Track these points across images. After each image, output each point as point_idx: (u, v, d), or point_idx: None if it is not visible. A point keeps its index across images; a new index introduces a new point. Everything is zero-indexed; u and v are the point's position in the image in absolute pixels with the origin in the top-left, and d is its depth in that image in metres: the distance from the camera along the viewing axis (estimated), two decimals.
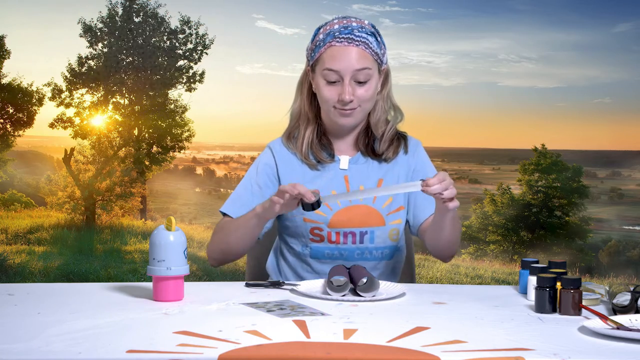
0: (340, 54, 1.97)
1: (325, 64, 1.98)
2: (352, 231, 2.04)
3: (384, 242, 2.07)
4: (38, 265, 11.82)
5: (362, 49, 1.97)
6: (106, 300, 1.69)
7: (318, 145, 2.09)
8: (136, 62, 18.60)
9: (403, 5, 31.76)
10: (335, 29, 1.98)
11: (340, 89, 1.98)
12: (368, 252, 2.06)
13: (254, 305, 1.64)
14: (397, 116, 2.12)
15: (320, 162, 2.09)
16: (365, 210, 2.05)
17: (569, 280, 1.59)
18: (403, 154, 2.12)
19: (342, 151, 2.12)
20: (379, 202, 2.06)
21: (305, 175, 2.09)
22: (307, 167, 2.09)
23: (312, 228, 2.05)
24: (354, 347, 1.31)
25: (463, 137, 44.95)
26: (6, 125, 18.05)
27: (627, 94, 34.73)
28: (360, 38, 1.97)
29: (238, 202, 2.09)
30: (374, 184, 2.07)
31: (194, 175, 30.24)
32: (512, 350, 1.29)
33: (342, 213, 2.04)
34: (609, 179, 29.42)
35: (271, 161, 2.12)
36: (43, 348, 1.28)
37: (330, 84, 1.99)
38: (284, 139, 2.14)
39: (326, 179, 2.07)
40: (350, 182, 2.07)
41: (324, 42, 1.99)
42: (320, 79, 2.01)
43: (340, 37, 1.97)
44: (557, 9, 31.07)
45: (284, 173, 2.10)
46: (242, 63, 36.32)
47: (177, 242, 1.70)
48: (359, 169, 2.09)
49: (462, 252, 19.26)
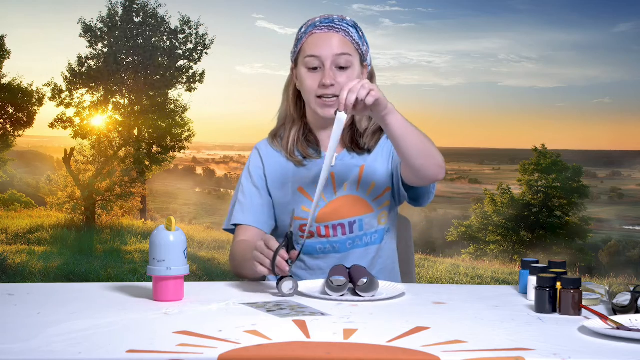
0: (321, 40, 2.01)
1: (306, 51, 2.02)
2: (341, 223, 2.05)
3: (373, 226, 2.08)
4: (38, 265, 11.82)
5: (342, 35, 2.01)
6: (106, 300, 1.69)
7: (304, 142, 2.11)
8: (136, 62, 18.60)
9: (403, 5, 31.75)
10: (316, 21, 2.04)
11: (321, 75, 2.00)
12: (358, 239, 2.07)
13: (254, 305, 1.64)
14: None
15: (306, 158, 2.10)
16: (351, 200, 2.06)
17: (569, 280, 1.59)
18: (384, 140, 2.12)
19: (327, 146, 2.11)
20: (362, 190, 2.06)
21: (290, 173, 2.10)
22: (293, 164, 2.10)
23: (300, 225, 2.06)
24: (354, 347, 1.31)
25: (463, 137, 44.92)
26: (6, 125, 18.05)
27: (627, 94, 34.73)
28: (341, 26, 2.02)
29: (247, 209, 2.10)
30: (357, 171, 2.07)
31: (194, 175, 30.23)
32: (512, 350, 1.29)
33: (328, 206, 2.05)
34: (609, 179, 29.42)
35: (259, 161, 2.14)
36: (43, 348, 1.28)
37: (311, 71, 2.02)
38: (269, 138, 2.17)
39: (312, 176, 2.08)
40: (337, 179, 2.08)
41: (305, 33, 2.04)
42: (302, 68, 2.04)
43: (321, 26, 2.02)
44: (557, 9, 31.06)
45: (270, 171, 2.12)
46: (242, 63, 36.32)
47: (177, 242, 1.70)
48: (345, 164, 2.10)
49: (462, 252, 19.26)
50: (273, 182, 2.11)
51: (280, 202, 2.10)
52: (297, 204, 2.06)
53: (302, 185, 2.07)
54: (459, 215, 22.39)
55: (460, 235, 20.46)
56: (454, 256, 17.97)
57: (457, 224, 20.86)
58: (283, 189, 2.09)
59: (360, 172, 2.07)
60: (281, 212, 2.10)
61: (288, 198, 2.08)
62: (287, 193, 2.08)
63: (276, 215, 2.12)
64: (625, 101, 35.15)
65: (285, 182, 2.09)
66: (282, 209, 2.09)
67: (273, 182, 2.11)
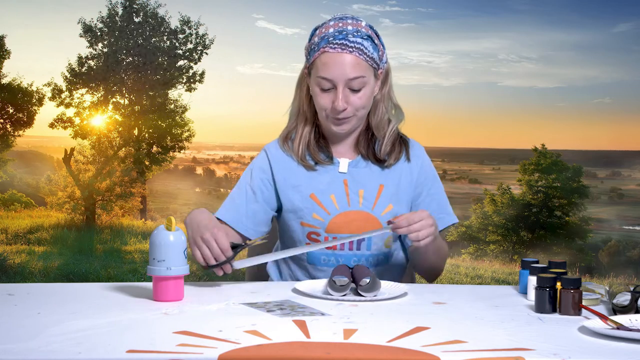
0: (333, 61, 1.93)
1: (318, 71, 1.95)
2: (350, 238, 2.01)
3: (380, 249, 2.05)
4: (38, 265, 11.82)
5: (355, 55, 1.92)
6: (106, 300, 1.69)
7: (315, 146, 2.06)
8: (136, 62, 18.60)
9: (403, 5, 31.76)
10: (329, 33, 1.94)
11: (334, 96, 1.95)
12: (364, 258, 2.04)
13: (254, 305, 1.64)
14: (398, 115, 2.08)
15: (317, 163, 2.05)
16: (364, 216, 2.02)
17: (569, 280, 1.59)
18: (404, 160, 2.07)
19: (341, 153, 2.08)
20: (378, 210, 2.02)
21: (302, 177, 2.05)
22: (304, 168, 2.05)
23: (309, 233, 2.03)
24: (354, 347, 1.31)
25: (463, 137, 44.95)
26: (6, 125, 18.06)
27: (627, 94, 34.75)
28: (354, 44, 1.93)
29: (232, 207, 2.06)
30: (375, 189, 2.03)
31: (194, 175, 30.24)
32: (512, 350, 1.29)
33: (340, 217, 2.01)
34: (609, 179, 29.42)
35: (265, 165, 2.08)
36: (43, 348, 1.28)
37: (324, 92, 1.96)
38: (280, 141, 2.10)
39: (324, 182, 2.04)
40: (350, 187, 2.03)
41: (318, 46, 1.95)
42: (314, 86, 1.98)
43: (334, 43, 1.93)
44: (557, 9, 31.07)
45: (280, 176, 2.06)
46: (242, 63, 36.34)
47: (177, 242, 1.70)
48: (359, 172, 2.05)
49: (462, 252, 19.27)
50: (283, 187, 2.05)
51: (291, 208, 2.05)
52: (309, 211, 2.02)
53: (314, 191, 2.02)
54: (459, 215, 22.33)
55: (460, 235, 20.48)
56: (454, 256, 17.98)
57: (457, 224, 20.86)
58: (294, 194, 2.04)
59: (379, 191, 2.03)
60: (291, 218, 2.05)
61: (299, 204, 2.03)
62: (298, 199, 2.03)
63: (286, 221, 2.07)
64: (625, 101, 35.19)
65: (297, 188, 2.04)
66: (292, 215, 2.05)
67: (283, 188, 2.05)
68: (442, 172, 29.88)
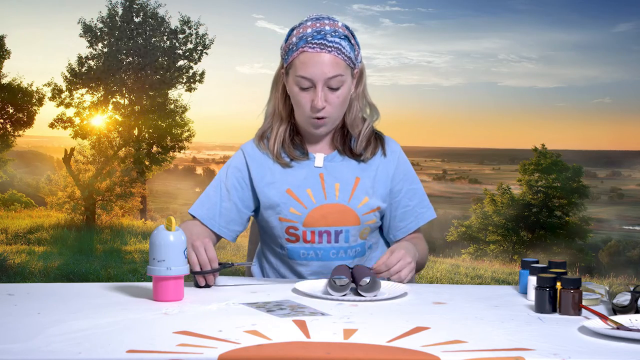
0: (312, 60, 1.96)
1: (297, 70, 1.97)
2: (327, 230, 2.04)
3: (356, 240, 2.07)
4: (38, 265, 11.82)
5: (334, 55, 1.96)
6: (106, 300, 1.69)
7: (290, 144, 2.09)
8: (136, 62, 18.61)
9: (403, 5, 31.77)
10: (308, 33, 1.97)
11: (313, 94, 1.98)
12: (343, 251, 2.06)
13: (254, 305, 1.64)
14: (373, 114, 2.12)
15: (293, 159, 2.09)
16: (341, 209, 2.05)
17: (569, 280, 1.59)
18: (381, 156, 2.11)
19: (316, 150, 2.11)
20: (355, 202, 2.05)
21: (278, 174, 2.08)
22: (280, 165, 2.08)
23: (287, 227, 2.05)
24: (354, 347, 1.31)
25: (463, 137, 44.97)
26: (6, 125, 18.06)
27: (627, 94, 34.76)
28: (332, 43, 1.96)
29: (207, 203, 2.10)
30: (351, 182, 2.06)
31: (194, 175, 30.25)
32: (512, 350, 1.29)
33: (317, 211, 2.04)
34: (609, 179, 29.44)
35: (241, 164, 2.11)
36: (43, 348, 1.28)
37: (303, 90, 1.99)
38: (256, 140, 2.14)
39: (300, 177, 2.07)
40: (326, 180, 2.06)
41: (296, 46, 1.98)
42: (293, 85, 2.01)
43: (313, 43, 1.96)
44: (557, 9, 31.08)
45: (256, 174, 2.09)
46: (242, 63, 36.35)
47: (177, 242, 1.70)
48: (335, 166, 2.08)
49: (462, 252, 19.28)
50: (260, 185, 2.08)
51: (268, 205, 2.07)
52: (286, 206, 2.05)
53: (290, 187, 2.06)
54: (459, 215, 22.39)
55: (460, 235, 20.50)
56: (454, 256, 17.99)
57: (457, 224, 20.88)
58: (270, 191, 2.07)
59: (355, 184, 2.06)
60: (270, 214, 2.08)
61: (276, 200, 2.06)
62: (275, 195, 2.06)
63: (265, 218, 2.09)
64: (625, 101, 35.20)
65: (273, 184, 2.07)
66: (270, 212, 2.07)
67: (260, 185, 2.08)
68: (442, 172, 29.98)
